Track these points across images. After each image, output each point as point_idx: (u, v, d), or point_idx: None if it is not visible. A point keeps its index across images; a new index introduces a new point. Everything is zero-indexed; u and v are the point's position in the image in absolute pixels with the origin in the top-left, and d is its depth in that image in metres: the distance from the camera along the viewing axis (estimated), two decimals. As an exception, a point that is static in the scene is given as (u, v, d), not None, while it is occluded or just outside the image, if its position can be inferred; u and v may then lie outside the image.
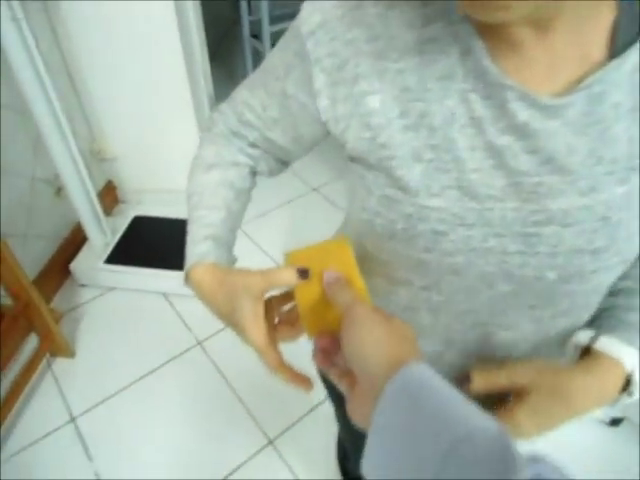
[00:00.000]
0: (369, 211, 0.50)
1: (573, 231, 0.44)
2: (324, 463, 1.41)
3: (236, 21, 3.12)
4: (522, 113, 0.42)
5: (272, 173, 0.63)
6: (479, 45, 0.41)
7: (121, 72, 1.90)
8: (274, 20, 2.71)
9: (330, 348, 0.44)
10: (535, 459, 0.31)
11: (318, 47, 0.46)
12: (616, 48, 0.41)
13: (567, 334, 0.55)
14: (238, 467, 1.42)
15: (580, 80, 0.41)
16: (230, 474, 1.41)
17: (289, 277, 0.45)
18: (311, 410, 1.54)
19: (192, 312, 1.87)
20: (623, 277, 0.53)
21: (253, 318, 0.45)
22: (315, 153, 0.67)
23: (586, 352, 0.51)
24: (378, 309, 0.42)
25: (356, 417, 0.39)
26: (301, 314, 0.48)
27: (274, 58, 0.53)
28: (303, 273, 0.45)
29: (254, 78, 0.56)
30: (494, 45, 0.42)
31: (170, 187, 2.24)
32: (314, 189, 2.45)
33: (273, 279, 0.46)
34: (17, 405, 1.50)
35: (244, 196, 0.60)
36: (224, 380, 1.64)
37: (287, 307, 0.52)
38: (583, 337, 0.51)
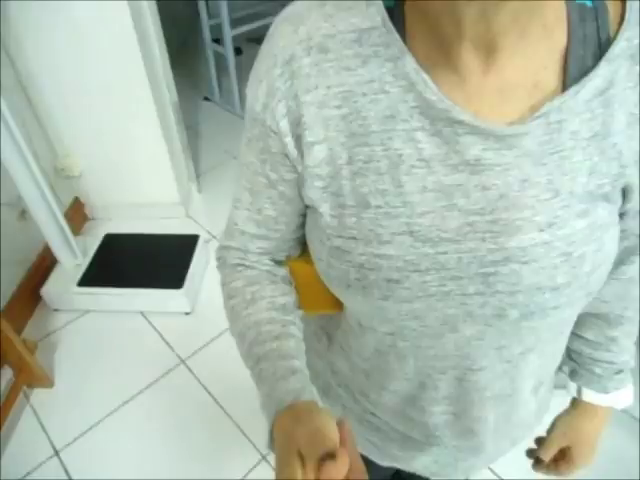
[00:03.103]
0: (323, 262, 0.49)
1: (532, 268, 0.42)
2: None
3: (196, 26, 3.06)
4: (473, 147, 0.40)
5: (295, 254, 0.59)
6: (422, 78, 0.39)
7: (80, 86, 1.84)
8: (235, 23, 2.65)
9: None
10: None
11: (275, 114, 0.44)
12: (570, 75, 0.40)
13: (539, 369, 0.56)
14: (233, 487, 1.40)
15: (534, 109, 0.39)
16: (225, 494, 1.38)
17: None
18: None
19: (173, 330, 1.83)
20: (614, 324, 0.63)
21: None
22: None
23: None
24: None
25: None
26: (298, 291, 0.54)
27: (246, 157, 0.51)
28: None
29: (236, 193, 0.54)
30: (440, 77, 0.40)
31: (140, 201, 2.19)
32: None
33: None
34: (-4, 442, 1.43)
35: (297, 314, 0.55)
36: (211, 398, 1.61)
37: None
38: (572, 390, 0.69)
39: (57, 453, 1.48)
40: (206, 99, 3.11)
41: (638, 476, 1.40)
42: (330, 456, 0.36)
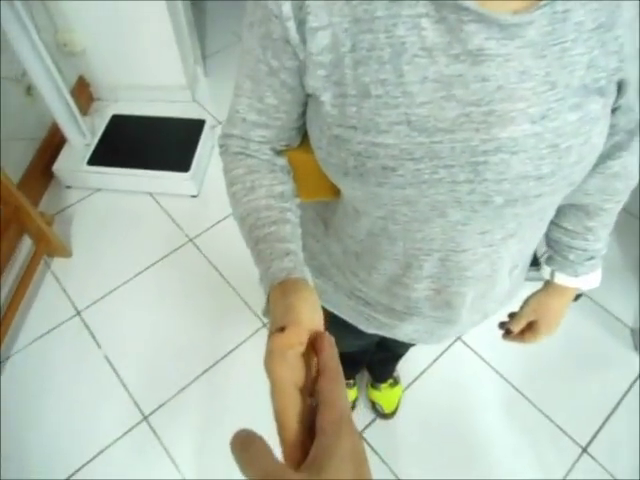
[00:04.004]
0: (322, 150, 0.50)
1: (520, 158, 0.44)
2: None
3: None
4: (477, 36, 0.40)
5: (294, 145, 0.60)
6: None
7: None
8: None
9: None
10: None
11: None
12: None
13: (518, 253, 0.61)
14: (236, 347, 1.56)
15: None
16: (229, 352, 1.55)
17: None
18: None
19: (181, 211, 1.91)
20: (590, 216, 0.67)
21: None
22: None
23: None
24: None
25: None
26: (297, 180, 0.56)
27: (247, 42, 0.50)
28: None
29: (238, 79, 0.53)
30: None
31: (146, 82, 2.15)
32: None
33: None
34: (22, 303, 1.58)
35: (294, 201, 0.57)
36: (217, 272, 1.73)
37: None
38: (545, 273, 0.76)
39: (79, 313, 1.64)
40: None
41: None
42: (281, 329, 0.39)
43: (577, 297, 1.61)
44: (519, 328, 0.82)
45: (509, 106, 0.43)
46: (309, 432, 0.36)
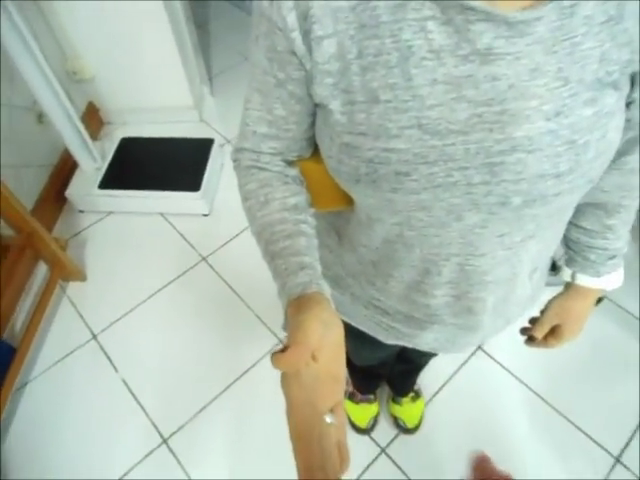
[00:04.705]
0: (333, 159, 0.50)
1: (537, 156, 0.43)
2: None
3: None
4: (485, 36, 0.40)
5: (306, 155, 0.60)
6: None
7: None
8: None
9: None
10: None
11: (282, 9, 0.43)
12: None
13: (537, 255, 0.59)
14: (253, 365, 1.55)
15: None
16: (247, 371, 1.54)
17: None
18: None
19: (193, 230, 1.91)
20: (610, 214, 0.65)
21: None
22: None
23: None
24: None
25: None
26: (309, 190, 0.56)
27: (254, 56, 0.50)
28: None
29: (248, 93, 0.53)
30: None
31: (153, 104, 2.18)
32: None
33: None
34: (39, 329, 1.58)
35: (308, 212, 0.56)
36: (231, 290, 1.73)
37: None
38: (566, 275, 0.73)
39: (95, 337, 1.64)
40: (215, -5, 2.95)
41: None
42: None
43: (599, 301, 1.57)
44: (542, 334, 0.80)
45: (522, 104, 0.42)
46: (327, 452, 0.34)
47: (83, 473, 1.37)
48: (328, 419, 0.39)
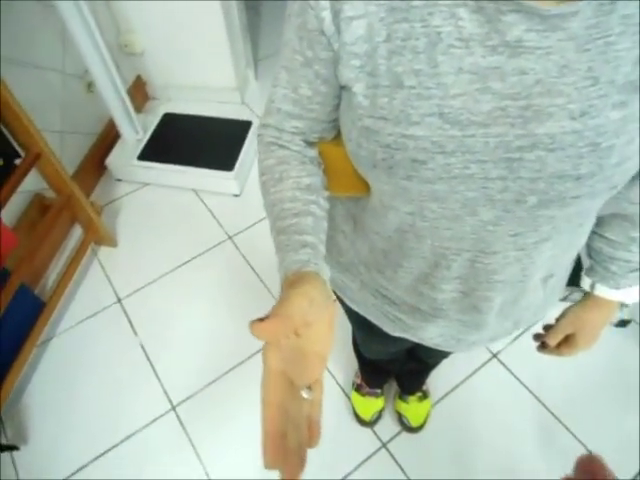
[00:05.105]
0: (352, 142, 0.50)
1: (557, 156, 0.42)
2: (344, 346, 1.54)
3: None
4: (516, 28, 0.39)
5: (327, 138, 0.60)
6: None
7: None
8: None
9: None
10: None
11: None
12: None
13: (552, 260, 0.57)
14: (266, 346, 1.57)
15: None
16: (260, 349, 1.55)
17: None
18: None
19: (222, 209, 1.95)
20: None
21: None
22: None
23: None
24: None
25: None
26: (328, 173, 0.56)
27: (286, 34, 0.51)
28: None
29: (276, 71, 0.54)
30: None
31: (198, 83, 2.22)
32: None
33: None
34: (69, 287, 1.67)
35: (321, 194, 0.56)
36: (254, 272, 1.76)
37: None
38: (585, 285, 0.72)
39: (119, 300, 1.71)
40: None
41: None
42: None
43: (625, 323, 1.51)
44: (556, 342, 0.78)
45: (548, 101, 0.41)
46: (294, 422, 0.35)
47: (95, 428, 1.44)
48: (305, 394, 0.39)
